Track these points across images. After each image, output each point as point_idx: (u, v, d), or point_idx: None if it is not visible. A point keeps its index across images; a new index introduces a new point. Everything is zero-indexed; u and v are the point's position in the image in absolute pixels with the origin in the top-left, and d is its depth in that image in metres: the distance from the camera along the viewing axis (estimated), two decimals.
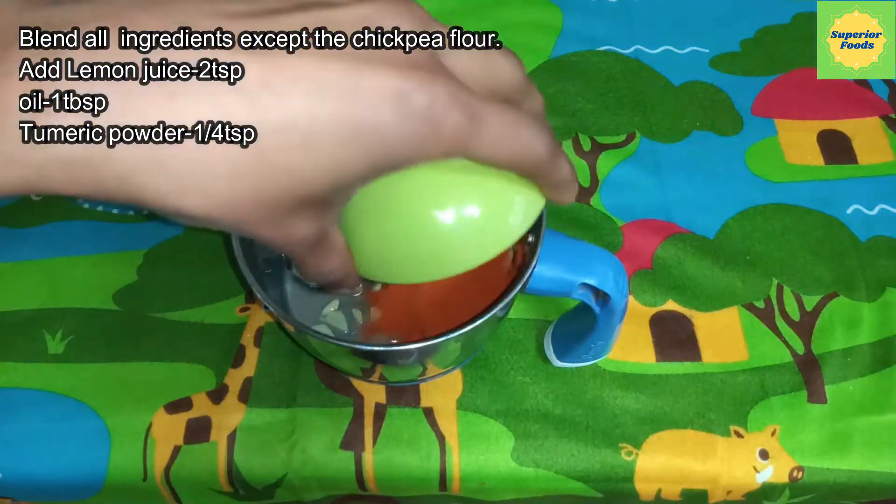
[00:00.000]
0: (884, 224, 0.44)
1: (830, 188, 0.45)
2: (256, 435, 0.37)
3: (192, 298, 0.40)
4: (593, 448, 0.37)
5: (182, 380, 0.38)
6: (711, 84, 0.49)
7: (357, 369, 0.37)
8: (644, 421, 0.38)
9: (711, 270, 0.42)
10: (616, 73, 0.50)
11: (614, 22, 0.52)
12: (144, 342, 0.39)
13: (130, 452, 0.36)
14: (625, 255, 0.42)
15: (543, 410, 0.38)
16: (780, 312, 0.41)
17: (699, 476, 0.37)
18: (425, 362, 0.36)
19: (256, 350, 0.39)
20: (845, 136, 0.47)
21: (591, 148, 0.46)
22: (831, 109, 0.48)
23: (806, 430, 0.38)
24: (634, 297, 0.41)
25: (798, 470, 0.37)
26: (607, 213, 0.44)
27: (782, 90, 0.49)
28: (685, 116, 0.48)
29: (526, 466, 0.37)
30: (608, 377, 0.39)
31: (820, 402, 0.38)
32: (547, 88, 0.49)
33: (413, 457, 0.37)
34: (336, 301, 0.38)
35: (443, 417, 0.37)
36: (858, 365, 0.39)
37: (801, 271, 0.42)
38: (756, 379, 0.39)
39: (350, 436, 0.37)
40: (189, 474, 0.36)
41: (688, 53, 0.51)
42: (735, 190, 0.45)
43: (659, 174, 0.45)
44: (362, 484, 0.37)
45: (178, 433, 0.37)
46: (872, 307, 0.41)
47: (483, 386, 0.38)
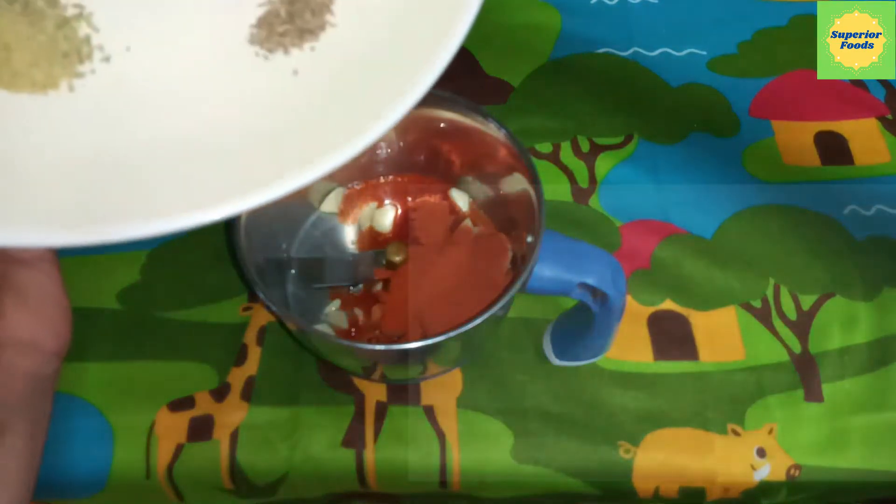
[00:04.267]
0: (880, 224, 0.44)
1: (827, 189, 0.46)
2: (259, 433, 0.37)
3: (195, 298, 0.41)
4: (592, 446, 0.37)
5: (185, 378, 0.38)
6: (709, 86, 0.50)
7: (358, 368, 0.38)
8: (642, 419, 0.38)
9: (709, 270, 0.42)
10: (614, 76, 0.50)
11: (612, 24, 0.52)
12: (148, 341, 0.39)
13: (134, 450, 0.37)
14: (623, 256, 0.42)
15: (542, 409, 0.38)
16: (776, 312, 0.41)
17: (697, 474, 0.37)
18: (426, 361, 0.36)
19: (259, 349, 0.39)
20: (842, 138, 0.48)
21: (589, 149, 0.47)
22: (828, 111, 0.48)
23: (803, 429, 0.38)
24: (632, 296, 0.41)
25: (795, 468, 0.37)
26: (606, 213, 0.44)
27: (779, 92, 0.49)
28: (683, 118, 0.48)
29: (525, 464, 0.37)
30: (606, 376, 0.39)
31: (817, 400, 0.39)
32: (545, 90, 0.49)
33: (414, 454, 0.37)
34: (338, 300, 0.38)
35: (443, 416, 0.38)
36: (855, 364, 0.40)
37: (797, 271, 0.43)
38: (753, 378, 0.39)
39: (351, 434, 0.37)
40: (192, 472, 0.37)
41: (685, 56, 0.51)
42: (732, 191, 0.45)
43: (657, 175, 0.46)
44: (363, 481, 0.37)
45: (181, 431, 0.37)
46: (869, 307, 0.41)
47: (483, 384, 0.39)
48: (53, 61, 0.21)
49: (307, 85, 0.22)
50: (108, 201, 0.18)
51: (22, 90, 0.21)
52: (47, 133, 0.20)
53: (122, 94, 0.21)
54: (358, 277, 0.37)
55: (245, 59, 0.22)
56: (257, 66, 0.22)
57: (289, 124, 0.21)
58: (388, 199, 0.40)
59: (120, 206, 0.18)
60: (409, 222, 0.39)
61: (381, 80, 0.21)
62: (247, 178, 0.19)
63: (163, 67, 0.22)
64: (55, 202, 0.18)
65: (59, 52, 0.21)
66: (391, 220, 0.40)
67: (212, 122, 0.21)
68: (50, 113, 0.21)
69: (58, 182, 0.19)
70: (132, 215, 0.17)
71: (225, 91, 0.22)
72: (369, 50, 0.22)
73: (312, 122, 0.20)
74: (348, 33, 0.23)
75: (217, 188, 0.18)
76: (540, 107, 0.48)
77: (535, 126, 0.47)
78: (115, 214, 0.18)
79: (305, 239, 0.40)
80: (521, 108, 0.48)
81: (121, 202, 0.18)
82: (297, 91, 0.22)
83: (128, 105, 0.21)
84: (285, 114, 0.21)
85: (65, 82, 0.21)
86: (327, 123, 0.20)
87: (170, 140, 0.20)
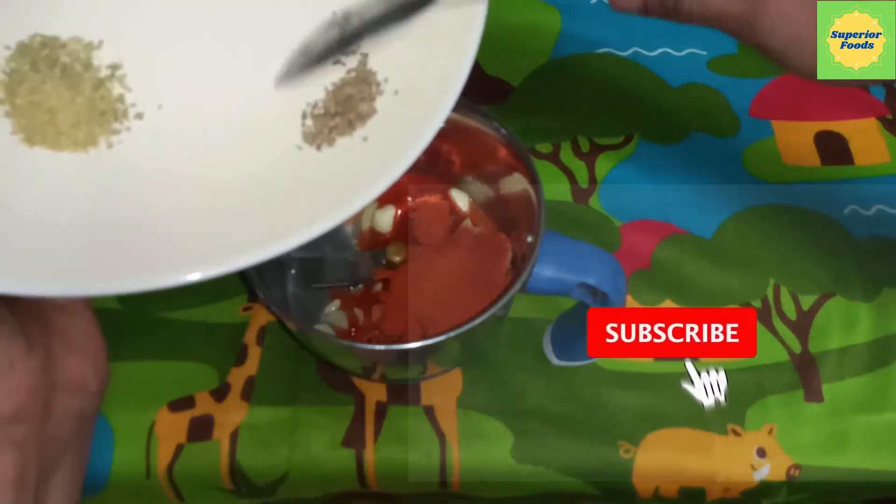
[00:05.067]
0: (881, 224, 0.44)
1: (827, 189, 0.46)
2: (259, 433, 0.37)
3: (195, 298, 0.41)
4: (592, 446, 0.37)
5: (185, 378, 0.38)
6: (709, 86, 0.50)
7: (358, 368, 0.38)
8: (642, 419, 0.38)
9: (709, 270, 0.42)
10: (614, 76, 0.50)
11: (612, 24, 0.52)
12: (148, 341, 0.39)
13: (134, 450, 0.37)
14: (623, 256, 0.43)
15: (542, 409, 0.38)
16: (776, 312, 0.41)
17: (697, 474, 0.37)
18: (426, 361, 0.36)
19: (259, 349, 0.39)
20: (842, 138, 0.48)
21: (589, 149, 0.47)
22: (828, 111, 0.49)
23: (803, 429, 0.38)
24: (632, 296, 0.41)
25: (795, 468, 0.37)
26: (605, 213, 0.44)
27: (779, 92, 0.50)
28: (683, 118, 0.48)
29: (525, 464, 0.37)
30: (606, 376, 0.39)
31: (817, 400, 0.39)
32: (545, 90, 0.49)
33: (413, 454, 0.37)
34: (337, 300, 0.38)
35: (443, 415, 0.38)
36: (855, 364, 0.40)
37: (797, 271, 0.43)
38: (753, 378, 0.39)
39: (351, 434, 0.37)
40: (192, 472, 0.37)
41: (685, 55, 0.51)
42: (732, 191, 0.45)
43: (657, 175, 0.46)
44: (363, 481, 0.37)
45: (182, 431, 0.37)
46: (869, 307, 0.41)
47: (483, 384, 0.39)
48: (93, 121, 0.23)
49: (323, 155, 0.23)
50: (143, 252, 0.20)
51: (65, 149, 0.22)
52: (84, 188, 0.22)
53: (156, 148, 0.23)
54: (358, 277, 0.37)
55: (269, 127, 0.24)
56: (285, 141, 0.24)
57: (303, 185, 0.22)
58: (388, 199, 0.40)
59: (155, 257, 0.20)
60: (409, 222, 0.39)
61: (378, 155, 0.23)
62: (265, 231, 0.21)
63: (193, 124, 0.24)
64: (93, 254, 0.20)
65: (98, 112, 0.23)
66: (391, 220, 0.40)
67: (235, 178, 0.22)
68: (88, 168, 0.22)
69: (94, 234, 0.20)
70: (167, 268, 0.19)
71: (251, 150, 0.23)
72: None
73: (322, 185, 0.22)
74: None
75: (241, 240, 0.20)
76: (540, 107, 0.48)
77: (535, 126, 0.47)
78: (151, 265, 0.19)
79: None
80: (522, 108, 0.48)
81: (154, 254, 0.20)
82: (313, 159, 0.23)
83: (160, 159, 0.23)
84: (300, 178, 0.22)
85: (103, 139, 0.23)
86: (335, 186, 0.22)
87: (193, 195, 0.22)
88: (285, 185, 0.22)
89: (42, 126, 0.22)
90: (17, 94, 0.22)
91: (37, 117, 0.22)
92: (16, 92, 0.22)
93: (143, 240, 0.20)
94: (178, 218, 0.21)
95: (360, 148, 0.23)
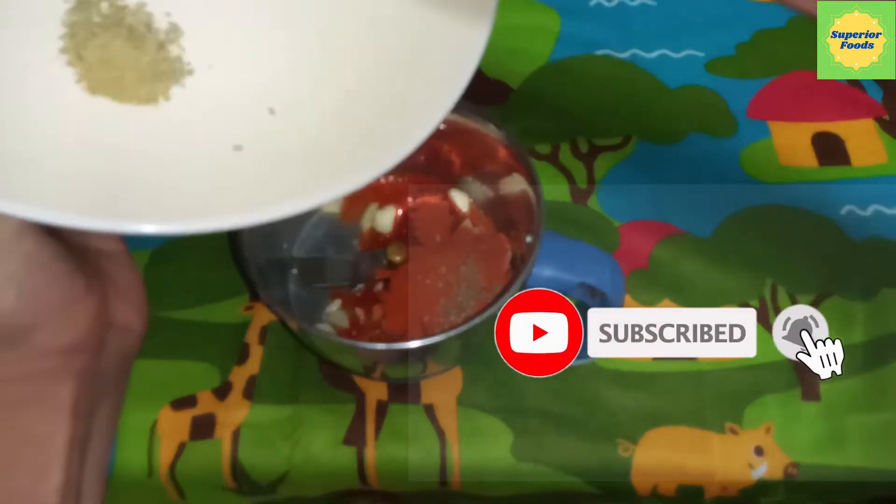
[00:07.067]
0: (878, 225, 0.45)
1: (824, 189, 0.46)
2: (260, 431, 0.37)
3: (197, 297, 0.41)
4: (591, 444, 0.38)
5: (187, 377, 0.38)
6: (707, 87, 0.50)
7: (359, 367, 0.38)
8: (641, 418, 0.38)
9: (707, 270, 0.42)
10: (613, 77, 0.50)
11: (611, 26, 0.52)
12: (150, 340, 0.39)
13: (136, 449, 0.37)
14: (621, 256, 0.43)
15: (542, 407, 0.38)
16: (774, 312, 0.41)
17: (695, 472, 0.38)
18: (426, 360, 0.36)
19: (260, 348, 0.39)
20: (839, 138, 0.48)
21: (587, 150, 0.47)
22: (825, 112, 0.49)
23: (800, 428, 0.38)
24: (631, 296, 0.41)
25: (793, 466, 0.38)
26: (604, 213, 0.44)
27: (777, 93, 0.50)
28: (681, 119, 0.48)
29: (525, 462, 0.37)
30: (606, 375, 0.39)
31: (814, 399, 0.39)
32: (544, 92, 0.49)
33: (414, 453, 0.37)
34: (339, 300, 0.38)
35: (443, 414, 0.38)
36: (852, 364, 0.40)
37: (795, 271, 0.43)
38: (751, 377, 0.39)
39: (352, 432, 0.37)
40: (194, 470, 0.37)
41: (683, 57, 0.51)
42: (730, 191, 0.46)
43: (655, 176, 0.46)
44: (364, 479, 0.37)
45: (184, 430, 0.37)
46: (867, 307, 0.42)
47: (482, 383, 0.39)
48: (155, 79, 0.24)
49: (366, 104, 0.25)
50: (188, 196, 0.21)
51: (129, 103, 0.24)
52: (140, 136, 0.23)
53: (204, 104, 0.25)
54: (359, 277, 0.38)
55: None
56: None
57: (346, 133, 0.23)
58: (388, 199, 0.41)
59: (203, 201, 0.21)
60: (409, 222, 0.39)
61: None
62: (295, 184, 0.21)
63: (239, 82, 0.25)
64: (137, 194, 0.21)
65: (159, 71, 0.24)
66: (391, 220, 0.40)
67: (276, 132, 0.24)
68: (147, 121, 0.24)
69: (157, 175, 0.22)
70: (218, 210, 0.20)
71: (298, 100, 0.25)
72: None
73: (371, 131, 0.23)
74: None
75: (279, 188, 0.21)
76: (539, 108, 0.48)
77: (534, 127, 0.47)
78: (203, 209, 0.20)
79: (307, 239, 0.40)
80: (521, 110, 0.48)
81: (202, 196, 0.21)
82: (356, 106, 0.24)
83: (206, 115, 0.24)
84: (342, 136, 0.24)
85: (161, 96, 0.24)
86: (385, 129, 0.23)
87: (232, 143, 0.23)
88: (328, 143, 0.23)
89: (108, 80, 0.23)
90: (85, 48, 0.23)
91: (104, 72, 0.23)
92: (84, 45, 0.23)
93: (185, 185, 0.21)
94: (221, 167, 0.22)
95: (392, 102, 0.24)
